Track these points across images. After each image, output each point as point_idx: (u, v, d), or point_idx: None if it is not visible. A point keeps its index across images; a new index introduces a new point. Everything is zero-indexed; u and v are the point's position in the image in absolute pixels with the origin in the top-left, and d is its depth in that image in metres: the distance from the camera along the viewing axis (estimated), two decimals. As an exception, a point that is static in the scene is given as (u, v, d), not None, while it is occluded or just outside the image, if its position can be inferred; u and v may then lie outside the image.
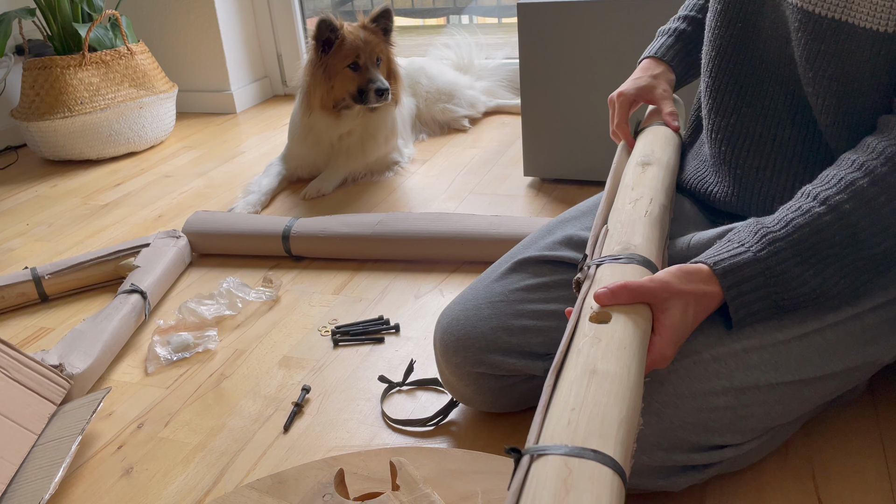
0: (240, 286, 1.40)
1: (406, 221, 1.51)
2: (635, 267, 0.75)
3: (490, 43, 2.67)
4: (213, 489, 0.95)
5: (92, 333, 1.22)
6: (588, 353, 0.63)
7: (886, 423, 0.94)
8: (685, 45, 1.08)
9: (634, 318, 0.68)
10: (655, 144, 1.00)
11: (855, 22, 0.76)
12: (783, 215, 0.76)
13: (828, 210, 0.74)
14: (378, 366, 1.18)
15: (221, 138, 2.44)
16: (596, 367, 0.61)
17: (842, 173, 0.76)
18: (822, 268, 0.75)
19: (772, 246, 0.74)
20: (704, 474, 0.82)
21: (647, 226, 0.82)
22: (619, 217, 0.85)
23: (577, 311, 0.71)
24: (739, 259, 0.75)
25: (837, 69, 0.79)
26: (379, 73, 1.84)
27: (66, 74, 2.20)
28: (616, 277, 0.73)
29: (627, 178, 0.94)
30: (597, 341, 0.64)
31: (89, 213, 1.91)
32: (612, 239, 0.81)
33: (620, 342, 0.64)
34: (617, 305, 0.70)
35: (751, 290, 0.75)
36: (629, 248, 0.78)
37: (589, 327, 0.67)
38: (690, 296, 0.73)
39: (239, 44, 2.71)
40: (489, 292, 0.96)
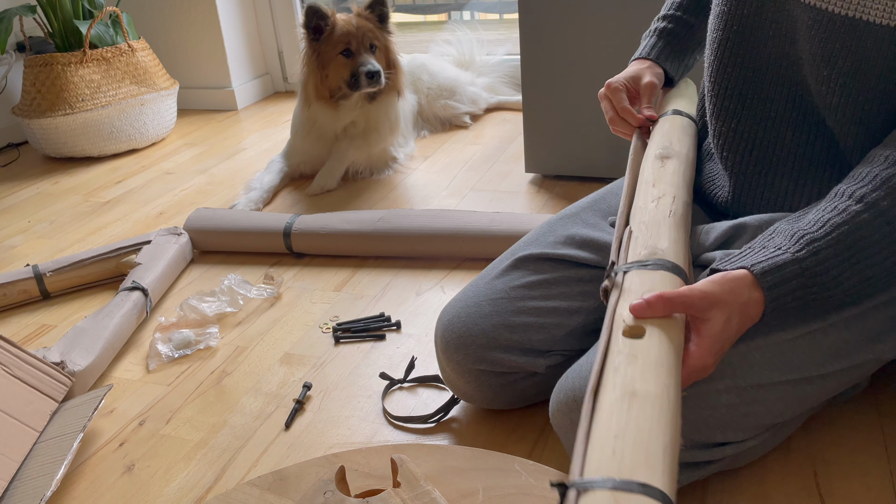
0: (241, 283, 1.40)
1: (407, 218, 1.51)
2: (664, 274, 0.72)
3: (491, 39, 2.66)
4: (215, 486, 0.95)
5: (93, 330, 1.22)
6: (625, 373, 0.60)
7: (888, 419, 0.94)
8: (668, 41, 1.07)
9: (668, 333, 0.65)
10: (672, 135, 0.98)
11: (869, 18, 0.75)
12: (819, 216, 0.74)
13: (865, 208, 0.73)
14: (379, 363, 1.18)
15: (223, 135, 2.44)
16: (635, 388, 0.58)
17: (876, 170, 0.74)
18: (861, 267, 0.73)
19: (810, 246, 0.73)
20: (706, 471, 0.82)
21: (673, 227, 0.79)
22: (643, 217, 0.82)
23: (609, 323, 0.68)
24: (778, 260, 0.73)
25: (853, 67, 0.78)
26: (371, 58, 1.83)
27: (68, 71, 2.20)
28: (646, 286, 0.70)
29: (647, 173, 0.90)
30: (633, 359, 0.62)
31: (91, 211, 1.91)
32: (637, 242, 0.78)
33: (657, 360, 0.62)
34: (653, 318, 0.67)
35: (789, 292, 0.73)
36: (656, 253, 0.75)
37: (623, 343, 0.64)
38: (734, 305, 0.70)
39: (240, 40, 2.71)
40: (490, 289, 0.96)
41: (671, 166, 0.90)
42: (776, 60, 0.86)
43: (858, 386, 0.93)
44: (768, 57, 0.87)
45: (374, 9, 1.85)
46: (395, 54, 1.92)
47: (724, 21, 0.89)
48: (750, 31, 0.87)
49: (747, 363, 0.77)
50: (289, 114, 2.58)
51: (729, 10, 0.89)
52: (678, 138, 0.96)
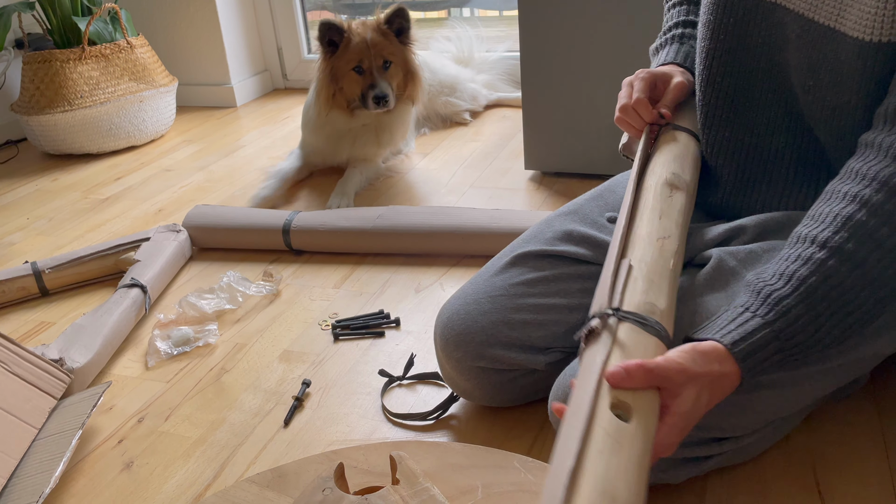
0: (240, 280, 1.40)
1: (407, 215, 1.50)
2: (658, 343, 0.67)
3: (491, 36, 2.66)
4: (214, 483, 0.95)
5: (92, 328, 1.22)
6: (608, 465, 0.55)
7: (888, 416, 0.94)
8: (692, 46, 1.01)
9: (650, 422, 0.61)
10: (686, 162, 0.91)
11: (845, 31, 0.75)
12: (783, 268, 0.70)
13: (830, 253, 0.68)
14: (378, 360, 1.18)
15: (222, 132, 2.43)
16: (616, 492, 0.53)
17: (835, 208, 0.70)
18: (840, 317, 0.69)
19: (779, 306, 0.69)
20: (704, 466, 0.82)
21: (672, 283, 0.74)
22: (644, 255, 0.76)
23: (597, 381, 0.61)
24: (748, 326, 0.69)
25: (833, 79, 0.77)
26: (382, 79, 1.80)
27: (66, 68, 2.19)
28: (639, 351, 0.65)
29: (652, 199, 0.84)
30: (618, 448, 0.56)
31: (90, 208, 1.91)
32: (636, 287, 0.72)
33: (640, 458, 0.57)
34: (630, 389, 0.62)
35: (765, 358, 0.69)
36: (655, 312, 0.69)
37: (609, 421, 0.58)
38: (706, 378, 0.66)
39: (239, 37, 2.70)
40: (489, 286, 0.96)
41: (679, 201, 0.84)
42: (766, 68, 0.85)
43: (858, 382, 0.93)
44: (758, 65, 0.86)
45: (392, 22, 1.81)
46: (413, 65, 1.87)
47: (711, 30, 0.89)
48: (738, 40, 0.86)
49: None
50: (288, 111, 2.58)
51: (715, 20, 0.88)
52: (690, 167, 0.91)
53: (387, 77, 1.81)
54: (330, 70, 1.81)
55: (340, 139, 1.91)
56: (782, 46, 0.83)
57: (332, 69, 1.81)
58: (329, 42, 1.79)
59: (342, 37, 1.78)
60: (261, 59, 2.83)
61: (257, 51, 2.80)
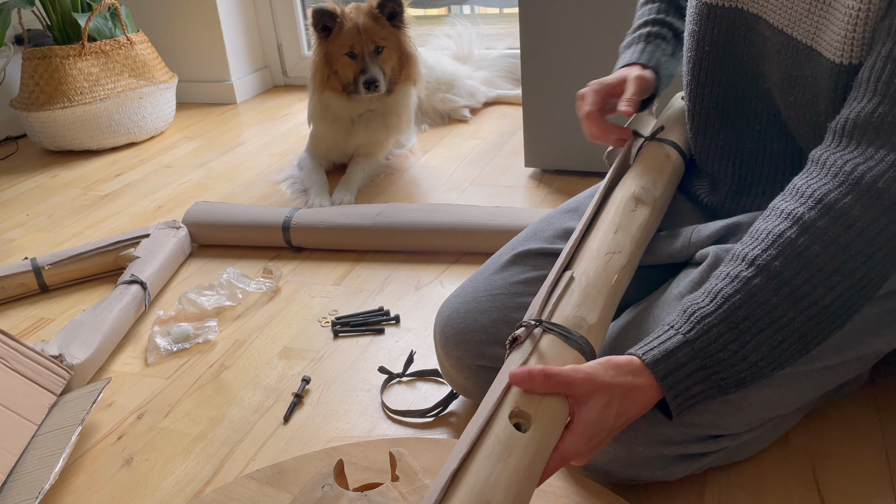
0: (240, 277, 1.40)
1: (406, 212, 1.50)
2: (579, 357, 0.68)
3: (492, 33, 2.66)
4: (213, 479, 0.95)
5: (92, 324, 1.22)
6: (491, 472, 0.56)
7: (886, 413, 0.94)
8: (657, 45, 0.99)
9: (550, 436, 0.62)
10: (660, 175, 0.90)
11: (821, 50, 0.74)
12: (712, 286, 0.70)
13: (756, 271, 0.67)
14: (378, 357, 1.18)
15: (222, 129, 2.43)
16: (492, 499, 0.55)
17: (769, 226, 0.69)
18: (764, 337, 0.67)
19: (701, 324, 0.68)
20: (702, 463, 0.82)
21: (609, 300, 0.75)
22: (588, 268, 0.76)
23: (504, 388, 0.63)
24: (669, 344, 0.68)
25: (810, 97, 0.77)
26: (374, 64, 1.81)
27: (66, 64, 2.19)
28: (556, 362, 0.66)
29: (613, 212, 0.84)
30: (505, 455, 0.58)
31: (89, 204, 1.91)
32: (570, 299, 0.73)
33: (528, 468, 0.58)
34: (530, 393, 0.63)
35: (686, 376, 0.68)
36: (582, 327, 0.70)
37: (504, 429, 0.59)
38: (616, 389, 0.66)
39: (239, 34, 2.70)
40: (489, 284, 0.96)
41: (641, 216, 0.84)
42: (753, 78, 0.85)
43: (858, 380, 0.93)
44: (745, 74, 0.86)
45: (384, 7, 1.81)
46: (408, 47, 1.88)
47: (696, 41, 0.88)
48: (723, 50, 0.86)
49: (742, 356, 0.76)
50: (288, 107, 2.58)
51: (700, 30, 0.87)
52: (664, 181, 0.90)
53: (378, 62, 1.82)
54: (324, 54, 1.82)
55: (350, 126, 1.91)
56: (763, 59, 0.83)
57: (325, 53, 1.82)
58: (323, 27, 1.81)
59: (335, 22, 1.79)
60: (261, 55, 2.82)
61: (257, 47, 2.80)
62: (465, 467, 0.57)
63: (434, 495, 0.55)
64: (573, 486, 0.82)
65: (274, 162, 2.08)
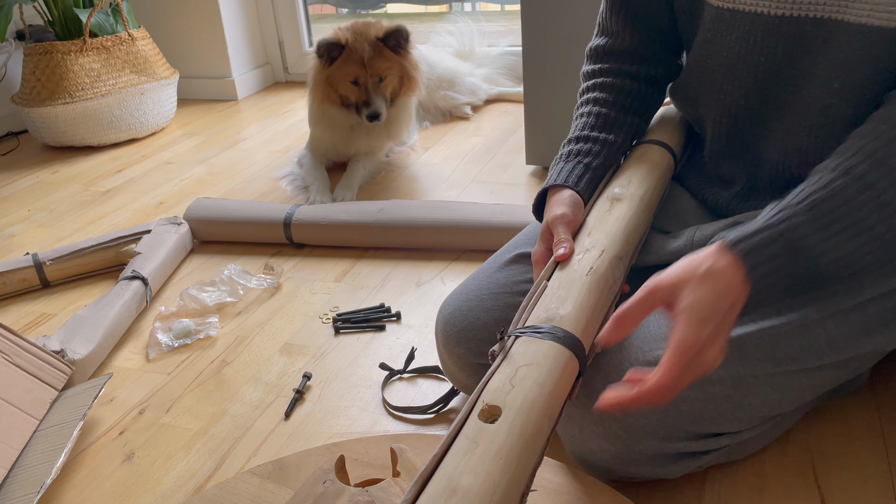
0: (241, 273, 1.40)
1: (408, 209, 1.51)
2: (552, 345, 0.67)
3: (493, 30, 2.66)
4: (215, 475, 0.95)
5: (93, 319, 1.22)
6: (458, 464, 0.57)
7: (887, 413, 0.94)
8: (586, 165, 0.91)
9: (526, 418, 0.61)
10: (637, 172, 0.89)
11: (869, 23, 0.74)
12: (798, 190, 0.72)
13: (840, 174, 0.69)
14: (379, 353, 1.18)
15: (223, 125, 2.43)
16: (459, 483, 0.55)
17: (852, 143, 0.72)
18: (848, 235, 0.68)
19: (784, 212, 0.70)
20: (703, 461, 0.82)
21: (585, 289, 0.74)
22: (562, 272, 0.76)
23: (475, 396, 0.64)
24: (752, 228, 0.70)
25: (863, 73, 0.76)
26: (377, 94, 1.81)
27: (67, 60, 2.19)
28: (527, 357, 0.66)
29: (591, 217, 0.84)
30: (473, 447, 0.58)
31: (90, 200, 1.91)
32: (542, 303, 0.73)
33: (498, 451, 0.58)
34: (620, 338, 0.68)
35: (769, 259, 0.69)
36: (553, 320, 0.70)
37: (473, 426, 0.60)
38: (697, 273, 0.67)
39: (240, 30, 2.70)
40: (492, 282, 0.96)
41: (617, 211, 0.84)
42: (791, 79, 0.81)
43: (859, 379, 0.93)
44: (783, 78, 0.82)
45: (389, 39, 1.81)
46: (410, 71, 1.86)
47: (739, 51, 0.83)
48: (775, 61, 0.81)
49: (741, 354, 0.77)
50: (289, 104, 2.58)
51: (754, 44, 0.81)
52: (642, 175, 0.89)
53: (381, 91, 1.82)
54: (326, 77, 1.82)
55: (350, 132, 1.91)
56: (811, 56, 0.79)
57: (328, 77, 1.81)
58: (329, 57, 1.80)
59: (342, 51, 1.78)
60: (262, 52, 2.82)
61: (258, 44, 2.80)
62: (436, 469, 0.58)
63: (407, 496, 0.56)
64: (574, 482, 0.82)
65: (275, 158, 2.08)
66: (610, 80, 0.95)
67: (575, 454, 0.82)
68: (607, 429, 0.78)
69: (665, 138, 0.97)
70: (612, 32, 0.97)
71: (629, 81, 0.95)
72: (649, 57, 0.96)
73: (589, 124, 0.93)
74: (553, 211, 0.83)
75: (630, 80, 0.95)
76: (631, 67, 0.96)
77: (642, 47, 0.95)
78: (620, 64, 0.96)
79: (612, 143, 0.92)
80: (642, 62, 0.96)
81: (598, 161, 0.90)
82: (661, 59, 0.97)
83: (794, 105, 0.82)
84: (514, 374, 0.64)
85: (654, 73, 0.97)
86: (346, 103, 1.86)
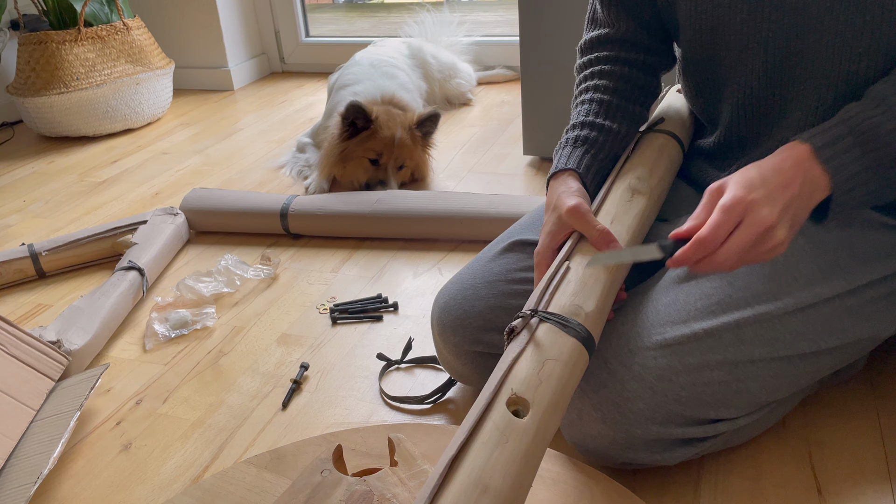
0: (238, 264, 1.40)
1: (405, 200, 1.50)
2: (577, 345, 0.68)
3: (489, 20, 2.65)
4: (212, 465, 0.95)
5: (90, 310, 1.21)
6: (489, 458, 0.57)
7: (883, 400, 0.94)
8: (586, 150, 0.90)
9: (551, 419, 0.63)
10: (657, 165, 0.89)
11: None
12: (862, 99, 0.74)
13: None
14: (376, 344, 1.18)
15: (219, 115, 2.42)
16: (490, 482, 0.56)
17: None
18: None
19: (852, 110, 0.72)
20: (700, 448, 0.82)
21: (608, 287, 0.74)
22: (586, 258, 0.76)
23: (502, 376, 0.63)
24: (822, 127, 0.72)
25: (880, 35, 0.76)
26: (395, 178, 1.71)
27: (62, 50, 2.17)
28: (555, 350, 0.66)
29: (610, 202, 0.83)
30: (503, 441, 0.59)
31: (86, 190, 1.90)
32: (567, 288, 0.72)
33: (526, 451, 0.59)
34: None
35: (843, 151, 0.71)
36: (579, 315, 0.70)
37: (501, 416, 0.61)
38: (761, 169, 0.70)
39: (236, 20, 2.68)
40: (487, 272, 0.96)
41: (638, 205, 0.84)
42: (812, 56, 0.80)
43: (855, 366, 0.93)
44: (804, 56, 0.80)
45: (424, 125, 1.74)
46: (425, 169, 1.78)
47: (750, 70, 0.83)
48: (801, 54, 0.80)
49: (738, 339, 0.77)
50: (285, 94, 2.57)
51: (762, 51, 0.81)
52: (662, 171, 0.89)
53: (399, 176, 1.73)
54: (342, 151, 1.71)
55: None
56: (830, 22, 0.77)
57: (344, 150, 1.71)
58: (352, 123, 1.69)
59: (366, 122, 1.69)
60: (258, 42, 2.81)
61: (255, 34, 2.78)
62: (464, 453, 0.58)
63: (433, 480, 0.56)
64: (571, 471, 0.83)
65: (272, 149, 2.07)
66: (609, 68, 0.95)
67: (573, 440, 0.82)
68: (606, 414, 0.78)
69: (680, 133, 0.97)
70: (605, 23, 0.96)
71: (627, 69, 0.95)
72: (645, 45, 0.96)
73: (593, 111, 0.92)
74: (567, 201, 0.80)
75: (629, 68, 0.95)
76: (629, 55, 0.95)
77: (637, 36, 0.95)
78: (618, 52, 0.96)
79: (616, 133, 0.91)
80: (639, 50, 0.96)
81: (604, 153, 0.90)
82: (656, 48, 0.97)
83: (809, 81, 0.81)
84: (541, 367, 0.65)
85: (651, 61, 0.96)
86: (354, 183, 1.74)
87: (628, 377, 0.77)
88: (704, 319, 0.78)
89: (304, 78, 2.76)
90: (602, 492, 0.79)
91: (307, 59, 2.81)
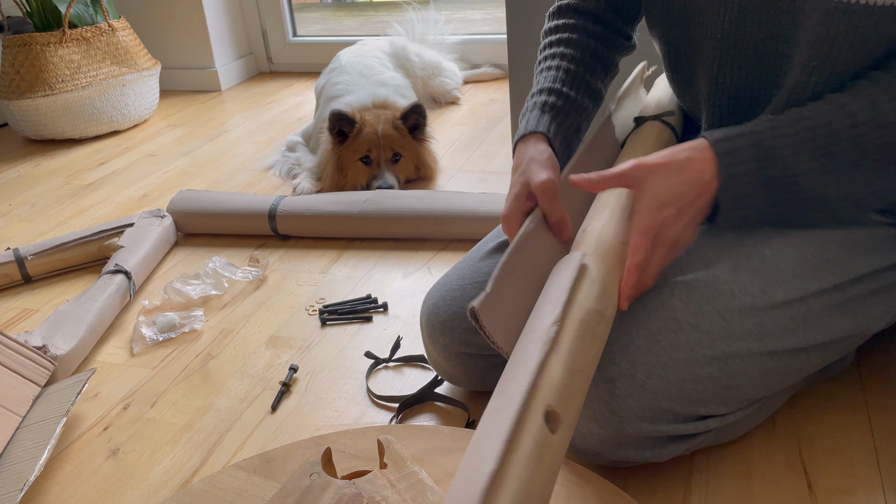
0: (226, 266, 1.39)
1: (394, 199, 1.50)
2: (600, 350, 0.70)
3: (478, 18, 2.65)
4: (201, 469, 0.95)
5: (76, 314, 1.20)
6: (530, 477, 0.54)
7: (873, 396, 0.94)
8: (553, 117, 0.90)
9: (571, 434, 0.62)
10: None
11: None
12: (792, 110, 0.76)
13: (830, 102, 0.74)
14: (366, 345, 1.17)
15: (206, 116, 2.41)
16: None
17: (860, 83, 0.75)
18: (822, 152, 0.73)
19: (767, 122, 0.75)
20: (690, 444, 0.82)
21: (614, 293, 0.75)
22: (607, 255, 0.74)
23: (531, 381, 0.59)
24: (736, 131, 0.74)
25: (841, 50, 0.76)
26: (389, 171, 1.70)
27: (47, 52, 2.16)
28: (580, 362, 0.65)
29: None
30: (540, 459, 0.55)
31: (72, 193, 1.88)
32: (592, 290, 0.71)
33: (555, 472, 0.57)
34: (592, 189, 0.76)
35: (743, 161, 0.73)
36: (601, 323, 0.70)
37: (540, 430, 0.57)
38: (670, 164, 0.73)
39: (223, 20, 2.67)
40: (475, 272, 0.95)
41: None
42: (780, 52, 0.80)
43: (844, 361, 0.94)
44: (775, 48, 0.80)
45: (408, 118, 1.72)
46: (428, 160, 1.77)
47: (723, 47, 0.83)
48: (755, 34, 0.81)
49: (727, 334, 0.77)
50: (273, 94, 2.56)
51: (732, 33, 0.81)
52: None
53: (395, 169, 1.72)
54: (336, 160, 1.71)
55: None
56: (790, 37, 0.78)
57: (338, 159, 1.71)
58: (339, 132, 1.70)
59: (353, 127, 1.70)
60: (245, 42, 2.79)
61: (241, 34, 2.77)
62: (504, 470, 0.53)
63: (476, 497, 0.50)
64: (562, 470, 0.82)
65: (260, 149, 2.06)
66: (576, 37, 0.95)
67: (563, 440, 0.82)
68: (596, 412, 0.78)
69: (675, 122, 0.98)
70: None
71: (594, 42, 0.95)
72: (611, 22, 0.97)
73: (560, 78, 0.93)
74: (538, 174, 0.80)
75: (594, 41, 0.95)
76: (596, 27, 0.96)
77: (604, 11, 0.97)
78: (585, 22, 0.96)
79: (580, 106, 0.92)
80: (605, 26, 0.97)
81: (568, 122, 0.92)
82: (620, 29, 0.98)
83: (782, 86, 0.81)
84: (570, 380, 0.62)
85: (615, 39, 0.98)
86: (357, 188, 1.72)
87: (618, 375, 0.77)
88: (690, 314, 0.77)
89: (291, 78, 2.75)
90: (593, 491, 0.79)
91: (295, 58, 2.80)
